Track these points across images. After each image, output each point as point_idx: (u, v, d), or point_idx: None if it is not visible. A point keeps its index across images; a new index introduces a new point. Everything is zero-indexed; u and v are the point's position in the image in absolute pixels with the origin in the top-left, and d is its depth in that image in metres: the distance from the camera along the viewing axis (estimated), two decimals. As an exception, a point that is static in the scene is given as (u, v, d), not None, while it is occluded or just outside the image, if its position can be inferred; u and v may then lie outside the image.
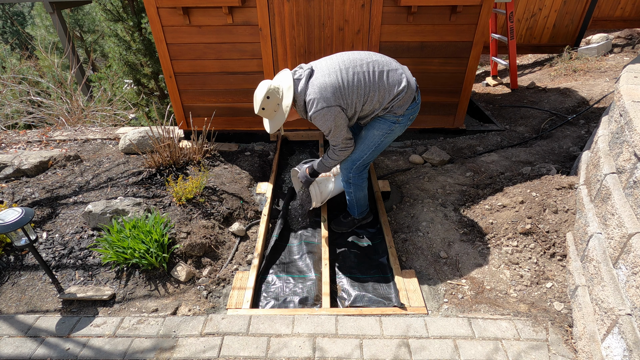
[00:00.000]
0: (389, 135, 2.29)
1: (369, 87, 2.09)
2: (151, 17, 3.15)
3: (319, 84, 2.05)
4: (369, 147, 2.33)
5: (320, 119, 2.08)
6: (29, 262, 2.38)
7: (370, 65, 2.11)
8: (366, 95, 2.10)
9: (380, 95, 2.12)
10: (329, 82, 2.05)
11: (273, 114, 2.17)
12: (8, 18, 13.85)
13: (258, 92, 2.13)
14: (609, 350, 1.54)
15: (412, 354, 1.85)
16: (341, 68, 2.09)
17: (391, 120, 2.22)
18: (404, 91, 2.13)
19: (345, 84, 2.06)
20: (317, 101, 2.04)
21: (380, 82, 2.10)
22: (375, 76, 2.10)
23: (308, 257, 2.57)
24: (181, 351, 1.89)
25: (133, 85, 6.63)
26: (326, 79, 2.06)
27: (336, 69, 2.09)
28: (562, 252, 2.21)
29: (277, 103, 2.12)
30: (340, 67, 2.09)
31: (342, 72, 2.08)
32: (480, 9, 3.13)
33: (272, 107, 2.14)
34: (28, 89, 5.91)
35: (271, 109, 2.14)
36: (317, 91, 2.04)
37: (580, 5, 5.50)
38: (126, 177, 3.13)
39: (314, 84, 2.07)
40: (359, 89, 2.08)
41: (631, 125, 1.81)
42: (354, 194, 2.60)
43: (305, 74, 2.10)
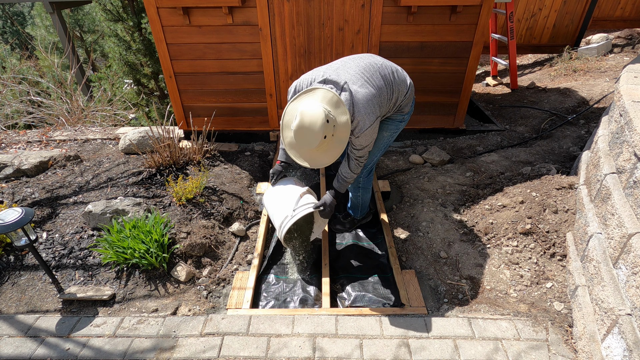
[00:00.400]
0: (395, 134, 2.27)
1: (392, 89, 2.00)
2: (151, 17, 3.15)
3: (363, 98, 1.84)
4: (380, 149, 2.31)
5: (368, 134, 1.89)
6: (29, 262, 2.38)
7: (384, 67, 2.02)
8: (390, 96, 2.01)
9: (398, 94, 2.06)
10: (369, 94, 1.86)
11: (331, 141, 1.84)
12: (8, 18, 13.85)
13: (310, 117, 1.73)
14: (609, 350, 1.54)
15: (412, 354, 1.85)
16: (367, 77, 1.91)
17: (398, 119, 2.21)
18: (410, 87, 2.11)
19: (377, 92, 1.91)
20: (370, 114, 1.85)
21: (395, 81, 2.03)
22: (392, 76, 2.02)
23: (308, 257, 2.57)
24: (181, 351, 1.89)
25: (133, 85, 6.63)
26: (365, 90, 1.86)
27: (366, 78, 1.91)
28: (562, 252, 2.20)
29: (333, 125, 1.79)
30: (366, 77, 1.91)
31: (371, 81, 1.91)
32: (480, 9, 3.13)
33: (330, 133, 1.80)
34: (28, 89, 5.91)
35: (330, 136, 1.81)
36: (366, 105, 1.82)
37: (580, 5, 5.50)
38: (126, 177, 3.13)
39: (358, 97, 1.83)
40: (387, 93, 1.97)
41: (631, 125, 1.81)
42: (361, 197, 2.58)
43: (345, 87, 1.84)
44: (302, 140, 1.80)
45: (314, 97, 1.82)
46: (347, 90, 1.83)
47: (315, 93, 1.82)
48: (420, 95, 3.61)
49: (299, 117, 1.75)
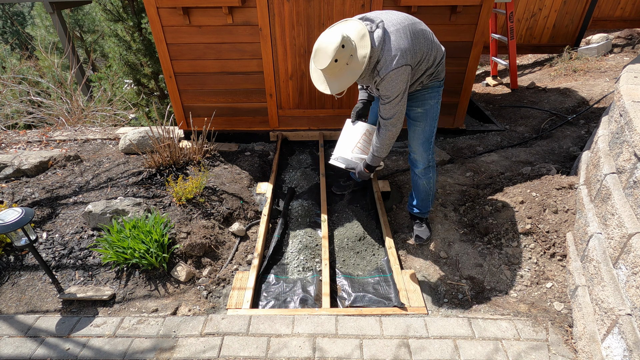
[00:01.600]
0: (439, 102, 2.24)
1: (429, 46, 1.99)
2: (151, 17, 3.15)
3: (398, 37, 1.83)
4: (434, 119, 2.23)
5: (395, 78, 1.84)
6: (29, 262, 2.38)
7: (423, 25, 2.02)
8: (427, 53, 1.98)
9: (434, 55, 2.04)
10: (407, 35, 1.85)
11: (344, 68, 1.84)
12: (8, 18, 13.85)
13: (328, 40, 1.78)
14: (609, 351, 1.54)
15: (412, 354, 1.85)
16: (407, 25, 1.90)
17: (437, 85, 2.18)
18: (444, 53, 2.13)
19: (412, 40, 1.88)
20: (397, 56, 1.81)
21: (434, 42, 2.03)
22: (432, 36, 2.03)
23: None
24: (181, 351, 1.89)
25: (133, 85, 6.63)
26: (404, 32, 1.86)
27: (404, 25, 1.89)
28: (562, 252, 2.20)
29: (350, 54, 1.81)
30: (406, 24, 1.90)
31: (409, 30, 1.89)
32: (480, 9, 3.12)
33: (344, 60, 1.80)
34: (28, 89, 5.91)
35: (343, 62, 1.81)
36: (397, 46, 1.81)
37: (580, 5, 5.50)
38: (126, 177, 3.13)
39: (392, 37, 1.83)
40: (425, 48, 1.96)
41: (631, 125, 1.81)
42: (433, 179, 2.41)
43: (378, 25, 1.85)
44: (317, 59, 1.85)
45: (343, 24, 1.89)
46: (380, 28, 1.85)
47: (346, 22, 1.89)
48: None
49: (320, 37, 1.85)
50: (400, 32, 1.86)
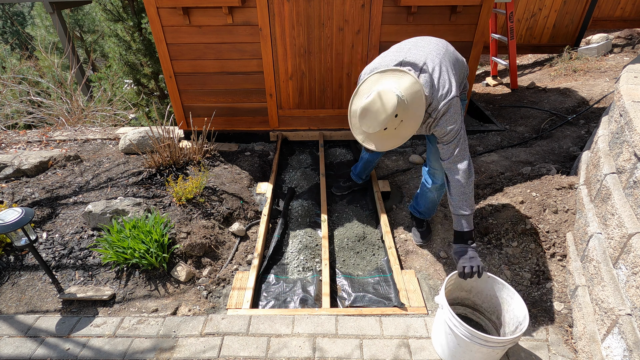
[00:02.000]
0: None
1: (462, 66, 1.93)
2: (151, 17, 3.15)
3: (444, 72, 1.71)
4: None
5: (450, 115, 1.70)
6: (29, 262, 2.38)
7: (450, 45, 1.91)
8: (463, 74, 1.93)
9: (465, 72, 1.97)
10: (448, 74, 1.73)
11: (392, 132, 1.70)
12: (8, 18, 13.85)
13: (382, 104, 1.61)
14: (609, 351, 1.54)
15: (412, 354, 1.85)
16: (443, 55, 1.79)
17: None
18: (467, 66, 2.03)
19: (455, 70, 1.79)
20: (452, 88, 1.69)
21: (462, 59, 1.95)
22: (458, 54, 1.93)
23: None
24: (181, 351, 1.89)
25: (133, 85, 6.63)
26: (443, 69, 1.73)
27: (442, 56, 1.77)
28: (562, 252, 2.20)
29: (401, 120, 1.67)
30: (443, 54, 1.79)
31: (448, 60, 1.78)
32: (480, 9, 3.12)
33: (394, 126, 1.67)
34: (28, 89, 5.91)
35: (392, 128, 1.68)
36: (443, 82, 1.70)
37: (580, 5, 5.50)
38: (126, 177, 3.13)
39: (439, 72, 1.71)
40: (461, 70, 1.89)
41: (631, 125, 1.81)
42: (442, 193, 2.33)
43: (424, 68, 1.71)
44: (365, 122, 1.69)
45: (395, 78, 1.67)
46: (426, 73, 1.71)
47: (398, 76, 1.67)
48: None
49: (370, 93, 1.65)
50: (442, 66, 1.74)
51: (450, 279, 1.85)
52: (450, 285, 1.91)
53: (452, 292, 1.97)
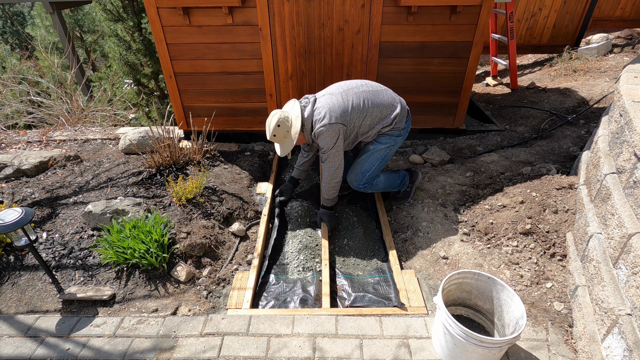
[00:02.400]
0: (393, 148, 2.61)
1: (368, 105, 2.41)
2: (151, 17, 3.15)
3: (326, 104, 2.37)
4: (377, 159, 2.61)
5: (325, 134, 2.35)
6: (29, 262, 2.38)
7: (366, 86, 2.47)
8: (366, 111, 2.41)
9: (380, 112, 2.45)
10: (335, 102, 2.36)
11: (283, 139, 2.43)
12: (8, 18, 13.85)
13: (270, 120, 2.39)
14: (609, 351, 1.54)
15: (412, 354, 1.85)
16: (341, 92, 2.41)
17: (395, 134, 2.56)
18: (398, 106, 2.50)
19: (348, 104, 2.37)
20: (325, 117, 2.33)
21: (378, 100, 2.44)
22: (372, 95, 2.44)
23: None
24: (181, 351, 1.89)
25: (133, 85, 6.63)
26: (332, 99, 2.38)
27: (339, 92, 2.41)
28: (562, 252, 2.20)
29: (286, 130, 2.39)
30: (341, 91, 2.42)
31: (344, 94, 2.40)
32: (480, 9, 3.13)
33: (282, 134, 2.39)
34: (28, 89, 5.91)
35: (281, 136, 2.40)
36: (326, 109, 2.34)
37: (580, 5, 5.50)
38: (126, 177, 3.13)
39: (320, 105, 2.38)
40: (359, 107, 2.39)
41: (631, 125, 1.81)
42: (380, 183, 2.77)
43: (311, 100, 2.43)
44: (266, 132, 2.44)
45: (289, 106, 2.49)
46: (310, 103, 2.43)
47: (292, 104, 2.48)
48: (420, 95, 3.61)
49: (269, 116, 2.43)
50: (333, 96, 2.40)
51: (450, 280, 1.85)
52: (451, 286, 1.91)
53: (453, 293, 1.97)
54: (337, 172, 2.51)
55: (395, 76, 3.49)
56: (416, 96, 3.61)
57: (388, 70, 3.46)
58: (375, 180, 2.71)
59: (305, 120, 2.39)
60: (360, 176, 2.66)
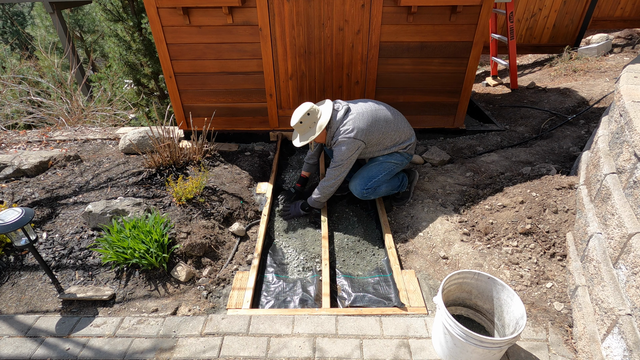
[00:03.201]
0: (399, 166, 2.77)
1: (392, 127, 2.62)
2: (151, 17, 3.15)
3: (356, 118, 2.51)
4: (384, 170, 2.72)
5: (345, 145, 2.49)
6: (29, 262, 2.37)
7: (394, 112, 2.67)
8: (387, 135, 2.60)
9: (398, 137, 2.65)
10: (364, 120, 2.51)
11: (307, 130, 2.57)
12: (8, 18, 13.85)
13: (301, 107, 2.54)
14: (609, 351, 1.54)
15: (412, 354, 1.85)
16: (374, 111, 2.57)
17: (405, 156, 2.76)
18: (413, 138, 2.76)
19: (375, 123, 2.53)
20: (351, 131, 2.47)
21: (400, 128, 2.65)
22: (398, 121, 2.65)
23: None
24: (181, 351, 1.89)
25: (133, 85, 6.63)
26: (362, 116, 2.51)
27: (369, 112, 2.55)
28: (562, 252, 2.20)
29: (313, 121, 2.54)
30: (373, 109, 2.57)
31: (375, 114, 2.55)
32: (480, 9, 3.12)
33: (308, 124, 2.54)
34: (28, 89, 5.91)
35: (307, 125, 2.55)
36: (353, 124, 2.49)
37: (580, 5, 5.50)
38: (126, 177, 3.13)
39: (351, 118, 2.51)
40: (381, 130, 2.57)
41: (631, 125, 1.81)
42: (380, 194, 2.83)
43: (343, 107, 2.56)
44: (292, 119, 2.59)
45: (322, 104, 2.66)
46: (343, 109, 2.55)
47: (324, 103, 2.66)
48: (420, 95, 3.61)
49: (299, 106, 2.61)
50: (361, 115, 2.52)
51: (450, 280, 1.85)
52: (451, 286, 1.91)
53: (453, 293, 1.97)
54: (337, 182, 2.65)
55: (395, 76, 3.49)
56: (416, 96, 3.61)
57: (388, 70, 3.46)
58: (378, 188, 2.77)
59: (333, 123, 2.53)
60: (366, 180, 2.72)
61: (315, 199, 2.74)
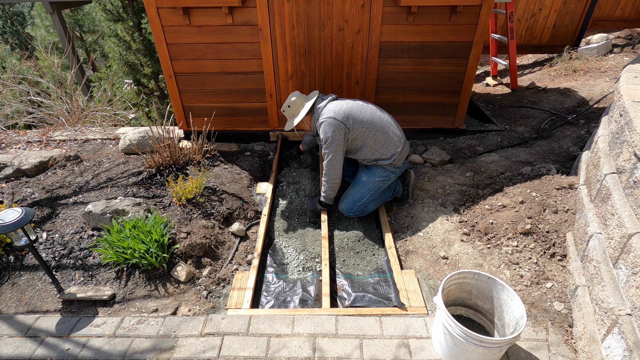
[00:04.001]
0: (386, 182, 2.74)
1: (377, 126, 2.61)
2: (151, 17, 3.15)
3: (337, 104, 2.60)
4: (369, 191, 2.72)
5: (324, 126, 2.54)
6: (29, 262, 2.37)
7: (383, 113, 2.69)
8: (372, 128, 2.59)
9: (384, 140, 2.61)
10: (345, 105, 2.58)
11: (292, 116, 2.73)
12: (8, 18, 13.85)
13: (291, 95, 2.73)
14: (609, 351, 1.54)
15: (412, 354, 1.85)
16: (357, 103, 2.63)
17: (391, 170, 2.70)
18: (402, 146, 2.67)
19: (357, 112, 2.58)
20: (330, 112, 2.55)
21: (387, 129, 2.64)
22: (383, 121, 2.64)
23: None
24: (181, 351, 1.89)
25: (133, 85, 6.63)
26: (344, 103, 2.61)
27: (355, 102, 2.64)
28: (562, 252, 2.20)
29: (300, 106, 2.70)
30: (357, 103, 2.64)
31: (359, 106, 2.62)
32: (480, 9, 3.12)
33: (293, 110, 2.71)
34: (28, 89, 5.91)
35: (292, 111, 2.71)
36: (334, 108, 2.57)
37: (580, 5, 5.50)
38: (126, 177, 3.13)
39: (333, 104, 2.61)
40: (365, 119, 2.58)
41: (631, 125, 1.81)
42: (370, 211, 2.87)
43: (331, 97, 2.68)
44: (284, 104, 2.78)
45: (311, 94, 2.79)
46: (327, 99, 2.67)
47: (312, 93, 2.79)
48: (420, 95, 3.61)
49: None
50: (345, 102, 2.61)
51: (450, 280, 1.85)
52: (451, 286, 1.91)
53: (453, 293, 1.97)
54: (334, 171, 2.65)
55: (395, 76, 3.49)
56: (416, 96, 3.61)
57: (388, 70, 3.46)
58: (365, 208, 2.79)
59: (316, 109, 2.66)
60: (352, 205, 2.76)
61: (324, 195, 2.77)
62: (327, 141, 2.55)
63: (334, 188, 2.71)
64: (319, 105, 2.65)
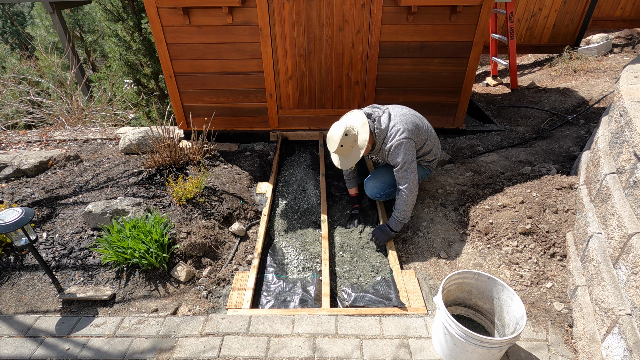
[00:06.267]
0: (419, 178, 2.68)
1: (431, 135, 2.57)
2: (151, 17, 3.15)
3: (402, 119, 2.38)
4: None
5: (400, 148, 2.32)
6: (29, 262, 2.37)
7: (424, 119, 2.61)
8: (427, 139, 2.53)
9: (432, 145, 2.59)
10: (411, 120, 2.41)
11: (350, 150, 2.39)
12: (8, 18, 13.85)
13: (334, 131, 2.35)
14: (609, 351, 1.54)
15: (412, 354, 1.85)
16: (414, 113, 2.51)
17: (427, 170, 2.74)
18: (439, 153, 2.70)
19: (420, 124, 2.47)
20: (402, 131, 2.32)
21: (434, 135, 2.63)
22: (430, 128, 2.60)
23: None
24: (181, 351, 1.89)
25: (133, 85, 6.63)
26: (408, 117, 2.42)
27: (411, 113, 2.48)
28: (562, 252, 2.20)
29: (354, 139, 2.36)
30: (413, 113, 2.50)
31: (417, 117, 2.50)
32: (480, 9, 3.12)
33: (349, 144, 2.36)
34: (28, 89, 5.91)
35: (348, 146, 2.37)
36: (402, 125, 2.34)
37: (580, 5, 5.50)
38: (126, 177, 3.13)
39: (396, 118, 2.38)
40: (426, 132, 2.51)
41: (631, 125, 1.81)
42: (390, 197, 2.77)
43: (385, 111, 2.42)
44: (329, 145, 2.41)
45: (349, 115, 2.46)
46: (386, 113, 2.41)
47: (353, 113, 2.45)
48: (420, 95, 3.61)
49: (331, 128, 2.41)
50: (405, 116, 2.41)
51: (450, 280, 1.85)
52: (451, 286, 1.91)
53: (453, 293, 1.97)
54: (413, 196, 2.42)
55: (395, 76, 3.49)
56: (416, 96, 3.61)
57: (388, 70, 3.46)
58: (391, 194, 2.72)
59: (382, 131, 2.37)
60: (385, 186, 2.67)
61: (402, 218, 2.47)
62: (405, 163, 2.33)
63: (412, 206, 2.47)
64: (381, 126, 2.37)
